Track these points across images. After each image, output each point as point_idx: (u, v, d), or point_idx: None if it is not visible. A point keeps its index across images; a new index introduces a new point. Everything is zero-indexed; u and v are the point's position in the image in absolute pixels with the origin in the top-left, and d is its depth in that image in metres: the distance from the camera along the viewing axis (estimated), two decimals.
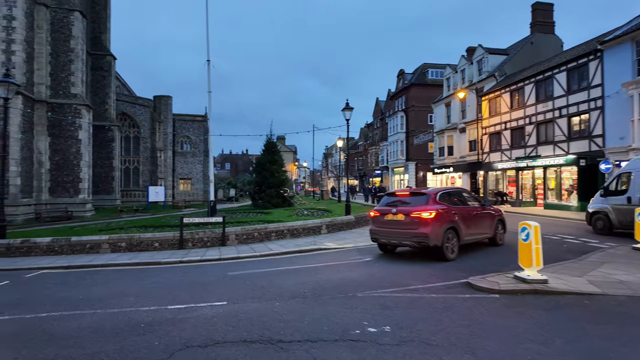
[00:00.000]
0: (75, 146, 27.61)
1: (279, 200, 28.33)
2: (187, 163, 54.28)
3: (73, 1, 27.47)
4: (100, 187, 33.88)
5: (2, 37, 23.45)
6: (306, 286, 7.08)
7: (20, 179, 23.79)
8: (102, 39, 35.43)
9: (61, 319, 5.57)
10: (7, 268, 10.07)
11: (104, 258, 11.12)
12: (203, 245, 12.71)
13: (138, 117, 44.60)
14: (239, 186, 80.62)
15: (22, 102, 23.71)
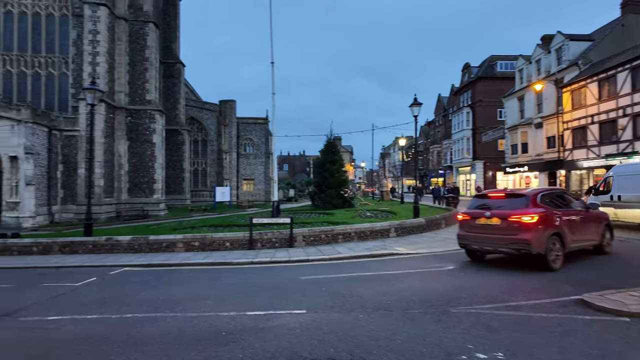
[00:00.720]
0: (150, 149, 29.50)
1: (339, 200, 27.93)
2: (249, 164, 56.06)
3: (148, 13, 29.40)
4: (172, 188, 35.96)
5: (88, 50, 25.70)
6: (389, 297, 6.47)
7: (103, 180, 25.88)
8: (173, 47, 37.61)
9: (144, 322, 5.52)
10: (94, 264, 10.68)
11: (179, 257, 11.40)
12: (271, 246, 12.61)
13: (205, 121, 46.85)
14: (298, 187, 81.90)
15: (105, 109, 25.78)
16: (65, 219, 24.35)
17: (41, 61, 27.25)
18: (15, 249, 12.41)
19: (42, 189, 22.60)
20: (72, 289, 7.81)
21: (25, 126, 21.26)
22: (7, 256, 12.19)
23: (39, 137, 22.63)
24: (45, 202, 23.04)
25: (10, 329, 5.36)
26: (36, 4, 27.08)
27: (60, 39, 27.35)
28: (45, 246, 12.48)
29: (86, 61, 25.70)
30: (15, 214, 20.89)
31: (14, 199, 21.12)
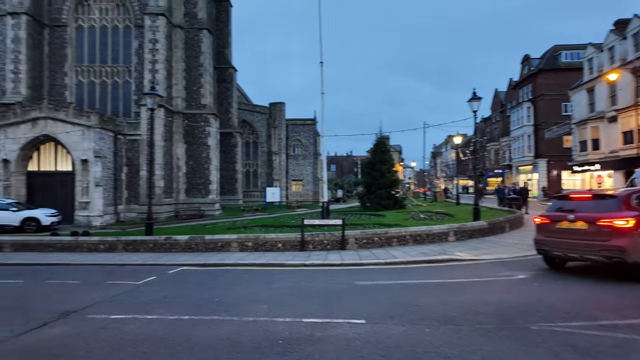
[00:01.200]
0: (205, 152, 30.64)
1: (389, 201, 27.14)
2: (298, 165, 56.68)
3: (202, 20, 30.59)
4: (225, 188, 37.15)
5: (148, 58, 27.23)
6: (454, 308, 5.90)
7: (163, 182, 27.25)
8: (225, 53, 38.88)
9: (201, 325, 5.46)
10: (154, 263, 11.07)
11: (234, 257, 11.51)
12: (323, 247, 12.36)
13: (256, 123, 48.04)
14: (345, 187, 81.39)
15: (164, 114, 27.14)
16: (129, 218, 25.96)
17: (107, 71, 29.34)
18: (85, 246, 13.27)
19: (109, 190, 24.25)
20: (134, 288, 8.06)
21: (94, 131, 22.93)
22: (77, 253, 13.07)
23: (106, 142, 24.31)
24: (111, 202, 24.70)
25: (79, 327, 5.54)
26: (103, 18, 29.22)
27: (124, 49, 29.26)
28: (111, 244, 13.21)
29: (146, 69, 27.25)
30: (86, 213, 22.58)
31: (85, 199, 22.85)
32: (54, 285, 8.48)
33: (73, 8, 28.58)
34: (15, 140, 22.64)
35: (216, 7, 37.89)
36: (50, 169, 23.91)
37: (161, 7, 27.39)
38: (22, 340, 5.03)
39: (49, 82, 28.58)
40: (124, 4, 28.91)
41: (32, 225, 19.05)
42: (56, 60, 28.60)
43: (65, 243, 13.39)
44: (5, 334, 5.22)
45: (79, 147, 22.73)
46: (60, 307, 6.53)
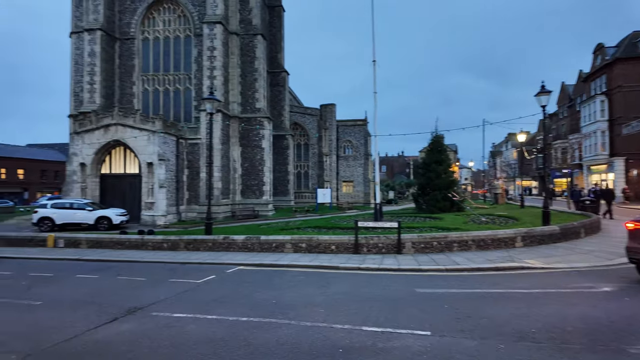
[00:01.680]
0: (259, 154, 31.44)
1: (445, 203, 25.96)
2: (349, 166, 56.37)
3: (256, 26, 31.45)
4: (278, 190, 37.87)
5: (207, 65, 28.49)
6: (531, 323, 5.32)
7: (221, 183, 28.34)
8: (278, 57, 39.67)
9: (260, 328, 5.41)
10: (213, 262, 11.41)
11: (288, 258, 11.54)
12: (378, 251, 12.00)
13: (307, 125, 48.51)
14: (397, 188, 79.62)
15: (221, 118, 28.23)
16: (190, 218, 27.31)
17: (170, 79, 31.16)
18: (150, 244, 14.06)
19: (171, 191, 25.68)
20: (195, 286, 8.30)
21: (158, 136, 24.42)
22: (144, 250, 13.87)
23: (169, 145, 25.78)
24: (174, 203, 26.14)
25: (145, 324, 5.75)
26: (166, 29, 31.10)
27: (185, 57, 30.90)
28: (173, 243, 13.88)
29: (205, 75, 28.54)
30: (151, 213, 24.10)
31: (150, 199, 24.39)
32: (123, 281, 9.00)
33: (140, 21, 30.72)
34: (90, 145, 24.75)
35: (269, 12, 38.79)
36: (120, 171, 25.83)
37: (218, 15, 28.55)
38: (95, 334, 5.30)
39: (119, 91, 30.96)
40: (184, 14, 30.55)
41: (105, 224, 20.67)
42: (125, 71, 30.91)
43: (133, 241, 14.29)
44: (82, 327, 5.55)
45: (145, 151, 24.30)
46: (128, 303, 6.87)
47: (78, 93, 30.27)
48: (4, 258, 12.99)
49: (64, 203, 21.38)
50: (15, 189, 54.68)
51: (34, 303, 7.01)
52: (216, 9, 28.68)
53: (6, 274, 10.03)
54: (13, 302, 7.13)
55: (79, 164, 24.80)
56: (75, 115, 28.42)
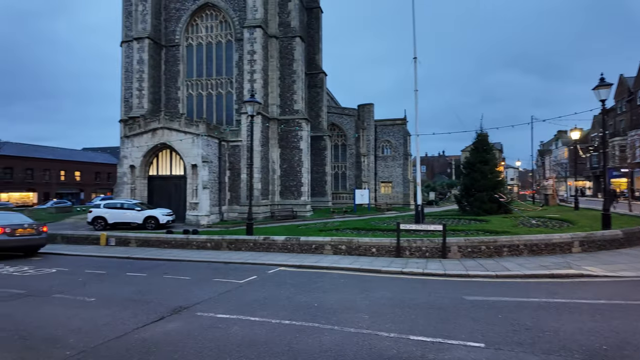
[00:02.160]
0: (297, 155, 31.65)
1: (492, 205, 24.75)
2: (387, 167, 55.42)
3: (295, 28, 31.70)
4: (315, 190, 37.93)
5: (247, 69, 29.09)
6: (602, 338, 4.81)
7: (260, 184, 28.81)
8: (316, 59, 39.78)
9: (303, 332, 5.30)
10: (255, 262, 11.51)
11: (328, 260, 11.41)
12: (421, 255, 11.57)
13: (344, 126, 48.25)
14: (438, 189, 77.32)
15: (261, 120, 28.70)
16: (231, 218, 27.98)
17: (212, 83, 32.14)
18: (194, 244, 14.47)
19: (214, 192, 26.43)
20: (237, 287, 8.37)
21: (202, 139, 25.22)
22: (188, 249, 14.30)
23: (212, 148, 26.56)
24: (216, 203, 26.89)
25: (190, 324, 5.82)
26: (209, 35, 32.12)
27: (226, 62, 31.76)
28: (216, 242, 14.19)
29: (245, 79, 29.14)
30: (195, 213, 24.92)
31: (194, 200, 25.24)
32: (169, 280, 9.26)
33: (184, 28, 31.95)
34: (139, 149, 26.01)
35: (307, 14, 38.99)
36: (166, 173, 26.93)
37: (258, 19, 29.06)
38: (144, 332, 5.43)
39: (165, 96, 32.35)
40: (225, 20, 31.39)
41: (152, 223, 21.60)
42: (171, 77, 32.26)
43: (179, 240, 14.78)
44: (132, 325, 5.72)
45: (190, 154, 25.17)
46: (174, 302, 7.02)
47: (128, 99, 31.97)
48: (63, 255, 13.88)
49: (115, 203, 22.58)
50: (73, 189, 58.81)
51: (88, 299, 7.35)
52: (256, 13, 29.21)
53: (65, 270, 10.67)
54: (70, 298, 7.53)
55: (128, 166, 26.14)
56: (125, 120, 30.04)
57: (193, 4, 31.59)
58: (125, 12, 32.92)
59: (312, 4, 39.32)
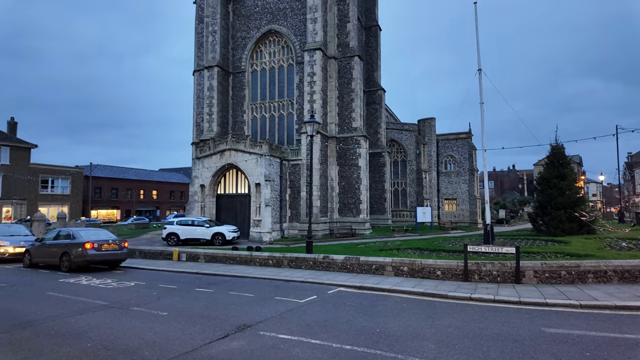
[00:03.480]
0: (356, 172, 31.62)
1: (571, 225, 22.49)
2: (451, 183, 53.12)
3: (353, 48, 32.20)
4: (374, 208, 37.42)
5: (307, 90, 29.99)
6: None
7: (319, 202, 29.14)
8: (374, 76, 39.90)
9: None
10: (314, 281, 11.53)
11: (389, 282, 11.07)
12: (492, 279, 10.77)
13: (404, 141, 47.39)
14: (509, 206, 72.05)
15: (320, 139, 29.24)
16: (291, 235, 28.54)
17: (274, 105, 33.59)
18: (257, 260, 14.93)
19: (275, 209, 27.24)
20: (298, 306, 8.41)
21: (264, 159, 26.30)
22: (251, 266, 14.77)
23: (274, 167, 27.54)
24: (277, 220, 27.64)
25: (253, 343, 5.94)
26: (272, 60, 33.81)
27: (288, 85, 33.10)
28: (277, 260, 14.50)
29: (305, 100, 30.06)
30: (258, 230, 25.82)
31: (257, 217, 26.21)
32: (233, 297, 9.59)
33: (249, 55, 33.98)
34: (209, 169, 27.78)
35: (365, 33, 39.48)
36: (232, 192, 28.37)
37: (317, 42, 30.01)
38: (210, 349, 5.64)
39: (232, 119, 34.41)
40: (287, 45, 32.85)
41: (219, 239, 22.73)
42: (237, 101, 34.31)
43: (243, 257, 15.34)
44: (199, 341, 5.98)
45: (254, 173, 26.32)
46: (238, 319, 7.24)
47: (199, 123, 34.49)
48: (140, 269, 15.08)
49: (187, 220, 24.16)
50: (150, 207, 64.22)
51: (161, 313, 7.84)
52: (316, 37, 30.20)
53: (141, 284, 11.56)
54: (146, 311, 8.10)
55: (199, 186, 27.97)
56: (197, 143, 32.38)
57: (257, 32, 33.55)
58: (197, 43, 35.91)
59: (371, 23, 39.76)
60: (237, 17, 34.55)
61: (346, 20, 32.25)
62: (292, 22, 32.41)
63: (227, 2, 34.40)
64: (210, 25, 33.63)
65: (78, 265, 13.95)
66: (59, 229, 16.35)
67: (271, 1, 33.20)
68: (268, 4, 33.30)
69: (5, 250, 17.09)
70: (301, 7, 31.81)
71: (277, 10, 32.91)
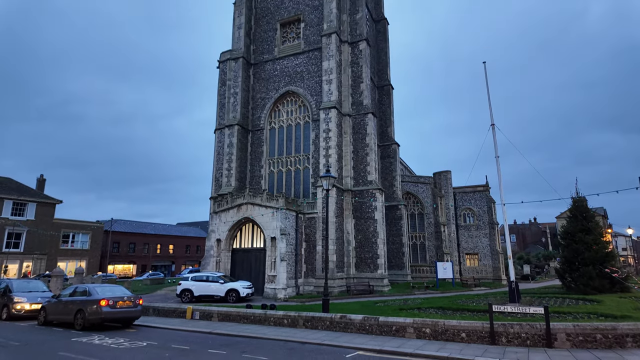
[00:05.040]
0: (372, 225, 31.27)
1: (603, 282, 21.32)
2: (471, 237, 51.72)
3: (367, 106, 33.41)
4: (392, 263, 36.41)
5: (323, 145, 30.82)
6: None
7: (335, 256, 28.62)
8: (388, 131, 40.91)
9: None
10: (332, 343, 11.00)
11: (411, 345, 10.47)
12: (520, 342, 10.08)
13: (420, 194, 47.19)
14: (533, 261, 68.97)
15: (336, 193, 29.44)
16: (307, 291, 27.74)
17: (291, 160, 34.45)
18: (272, 320, 14.45)
19: (291, 264, 26.80)
20: None
21: (280, 212, 26.45)
22: (265, 326, 14.27)
23: (290, 220, 27.57)
24: (292, 276, 27.08)
25: None
26: (289, 118, 35.27)
27: (304, 140, 34.15)
28: (293, 319, 14.01)
29: (321, 155, 30.79)
30: (272, 286, 25.26)
31: (272, 272, 25.77)
32: None
33: (268, 114, 35.60)
34: (225, 223, 28.00)
35: (378, 91, 41.19)
36: (248, 246, 28.26)
37: (332, 101, 31.39)
38: None
39: (250, 174, 35.27)
40: (303, 104, 34.40)
41: (233, 296, 22.26)
42: (255, 157, 35.39)
43: (257, 316, 14.90)
44: None
45: (269, 226, 26.35)
46: None
47: (218, 178, 35.41)
48: (153, 327, 14.76)
49: (202, 276, 23.93)
50: (166, 262, 64.12)
51: None
52: (331, 96, 31.65)
53: (154, 344, 11.25)
54: None
55: (215, 240, 28.05)
56: (215, 197, 33.01)
57: (276, 93, 35.41)
58: (219, 104, 37.97)
59: (383, 83, 41.62)
60: (257, 80, 36.75)
61: (359, 80, 33.84)
62: (308, 84, 34.19)
63: (248, 66, 36.82)
64: (232, 88, 35.78)
65: (92, 322, 13.77)
66: (75, 285, 16.40)
67: (289, 65, 35.37)
68: (286, 68, 35.45)
69: (22, 307, 17.09)
70: (317, 70, 33.72)
71: (295, 73, 34.92)
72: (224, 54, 38.41)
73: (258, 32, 37.95)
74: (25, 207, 41.15)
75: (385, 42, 43.16)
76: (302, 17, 35.84)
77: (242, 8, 37.40)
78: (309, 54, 34.63)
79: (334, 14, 33.34)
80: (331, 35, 32.70)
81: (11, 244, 39.45)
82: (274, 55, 36.37)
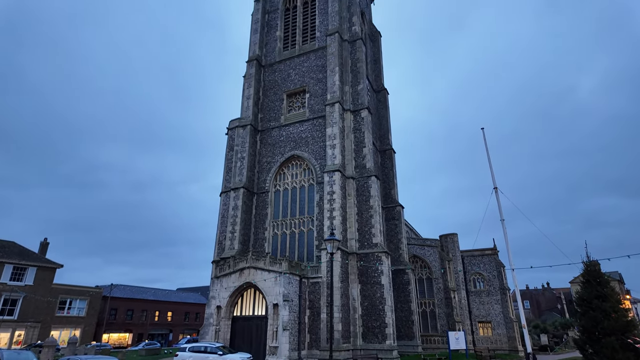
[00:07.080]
0: (379, 291, 30.17)
1: (628, 354, 19.86)
2: (482, 303, 49.47)
3: (370, 169, 34.12)
4: (401, 332, 34.49)
5: (327, 207, 30.96)
6: None
7: (341, 325, 27.24)
8: (392, 193, 41.27)
9: None
10: None
11: None
12: None
13: (427, 258, 46.13)
14: (550, 330, 65.03)
15: (340, 256, 28.90)
16: None
17: (295, 222, 34.40)
18: None
19: (293, 334, 25.47)
20: None
21: (284, 277, 25.77)
22: None
23: (293, 286, 26.75)
24: (295, 347, 25.57)
25: None
26: (294, 181, 35.93)
27: (308, 203, 34.44)
28: None
29: (325, 217, 30.80)
30: (274, 359, 23.78)
31: (274, 343, 24.42)
32: None
33: (273, 177, 36.36)
34: (227, 289, 27.22)
35: (381, 155, 42.33)
36: (249, 313, 27.16)
37: (336, 164, 32.19)
38: None
39: (254, 236, 35.05)
40: (308, 167, 35.26)
41: None
42: (259, 219, 35.45)
43: None
44: None
45: (272, 292, 25.54)
46: None
47: (222, 241, 35.17)
48: None
49: (199, 347, 22.76)
50: (164, 330, 61.19)
51: None
52: (334, 160, 32.53)
53: None
54: None
55: (215, 307, 27.06)
56: (217, 261, 32.51)
57: (281, 157, 36.54)
58: (226, 168, 38.99)
59: (385, 147, 42.95)
60: (264, 145, 38.15)
61: (362, 145, 34.97)
62: (313, 148, 35.36)
63: (255, 133, 38.44)
64: (239, 153, 37.03)
65: None
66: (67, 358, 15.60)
67: (295, 131, 36.92)
68: (292, 134, 36.96)
69: None
70: (321, 135, 35.10)
71: (300, 139, 36.32)
72: (233, 121, 40.33)
73: (265, 102, 40.20)
74: (25, 271, 40.55)
75: (385, 109, 45.32)
76: (307, 88, 38.18)
77: (251, 81, 40.07)
78: (313, 121, 36.29)
79: (336, 85, 35.52)
80: (334, 104, 34.51)
81: (6, 310, 38.23)
82: (280, 122, 38.15)
